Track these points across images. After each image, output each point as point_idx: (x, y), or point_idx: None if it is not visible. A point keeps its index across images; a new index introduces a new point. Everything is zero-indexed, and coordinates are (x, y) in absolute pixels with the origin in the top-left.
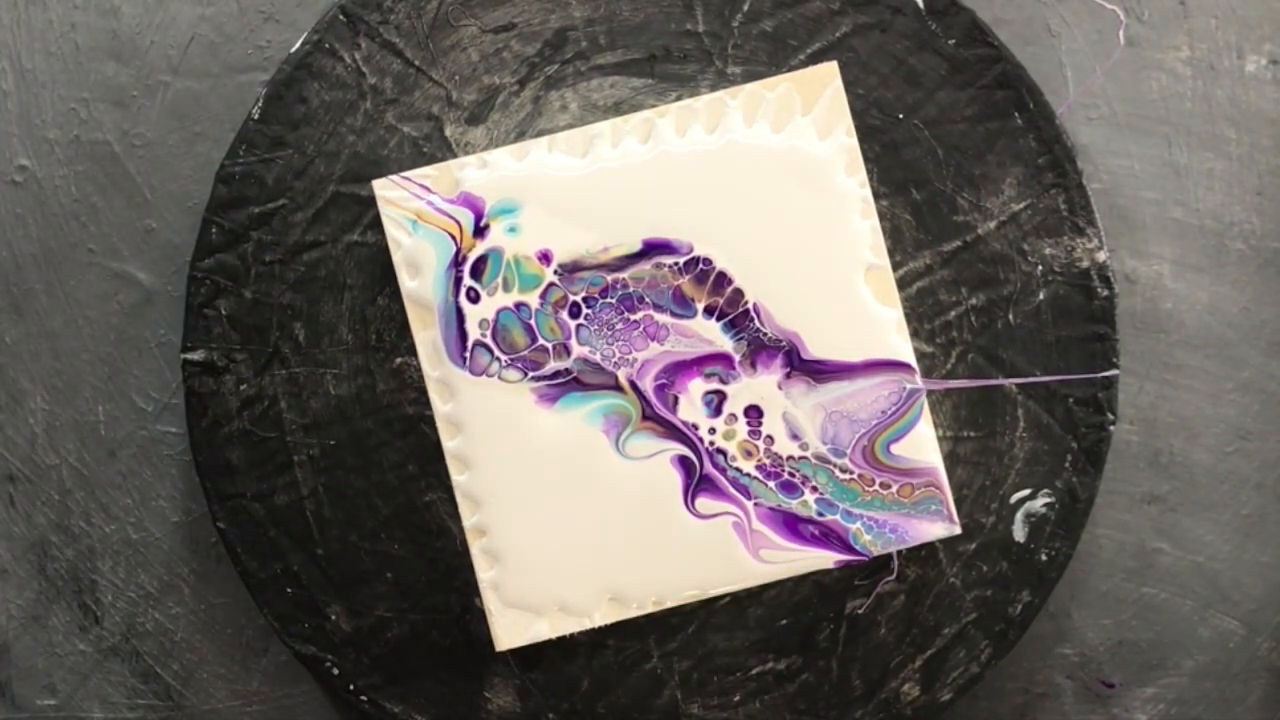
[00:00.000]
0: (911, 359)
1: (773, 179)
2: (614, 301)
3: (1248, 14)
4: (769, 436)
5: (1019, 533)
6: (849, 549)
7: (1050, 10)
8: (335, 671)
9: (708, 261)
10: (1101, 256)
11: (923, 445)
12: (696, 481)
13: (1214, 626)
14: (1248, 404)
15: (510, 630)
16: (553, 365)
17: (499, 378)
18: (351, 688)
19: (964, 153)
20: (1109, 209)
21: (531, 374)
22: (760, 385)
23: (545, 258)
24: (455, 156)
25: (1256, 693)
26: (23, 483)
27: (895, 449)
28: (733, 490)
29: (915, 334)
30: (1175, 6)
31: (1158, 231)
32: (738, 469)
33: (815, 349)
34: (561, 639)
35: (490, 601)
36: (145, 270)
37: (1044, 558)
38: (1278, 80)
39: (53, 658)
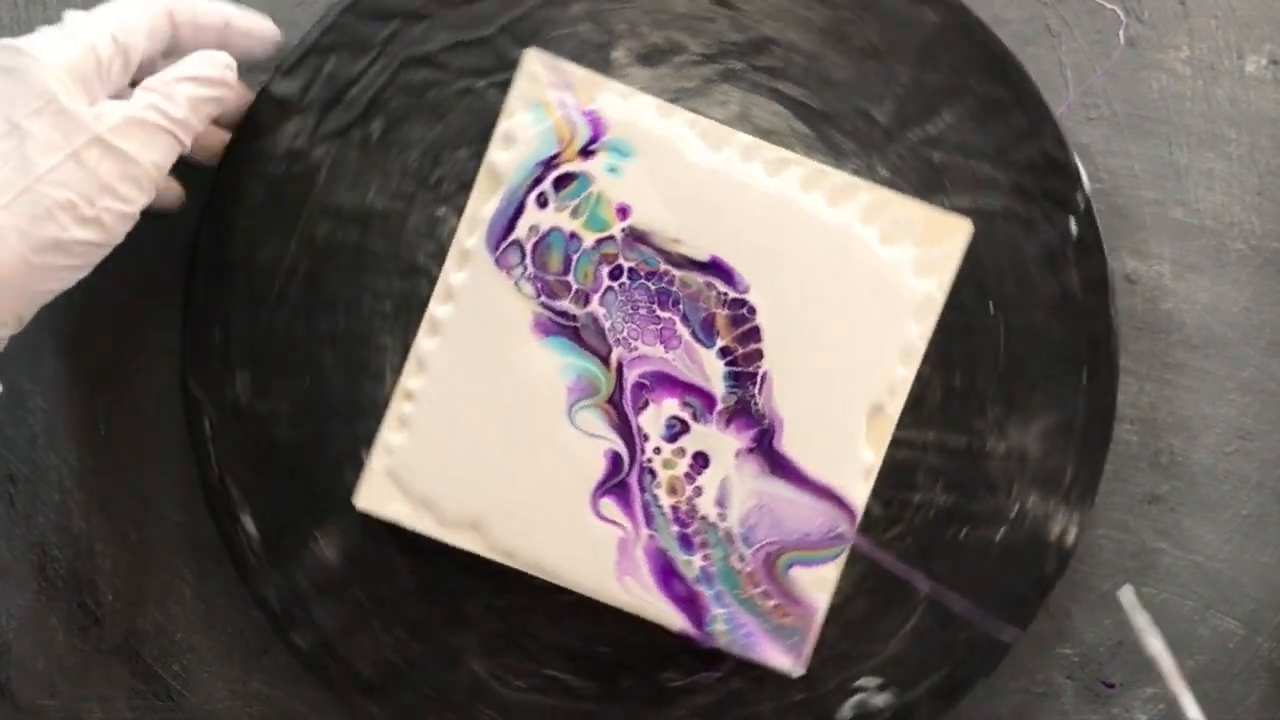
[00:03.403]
0: (859, 510)
1: (853, 281)
2: (653, 288)
3: (1248, 14)
4: (699, 488)
5: None
6: (699, 626)
7: (1050, 10)
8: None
9: (752, 310)
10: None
11: (820, 584)
12: (614, 484)
13: (1214, 626)
14: (1248, 404)
15: (375, 495)
16: (565, 305)
17: (515, 283)
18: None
19: (1018, 368)
20: (1109, 209)
21: (544, 298)
22: (721, 442)
23: (623, 211)
24: (609, 77)
25: (1256, 693)
26: (23, 483)
27: (794, 572)
28: (639, 511)
29: (875, 491)
30: (1175, 6)
31: (1158, 231)
32: (655, 497)
33: (787, 443)
34: (403, 543)
35: (377, 459)
36: (145, 270)
37: None
38: (1278, 80)
39: (53, 658)
